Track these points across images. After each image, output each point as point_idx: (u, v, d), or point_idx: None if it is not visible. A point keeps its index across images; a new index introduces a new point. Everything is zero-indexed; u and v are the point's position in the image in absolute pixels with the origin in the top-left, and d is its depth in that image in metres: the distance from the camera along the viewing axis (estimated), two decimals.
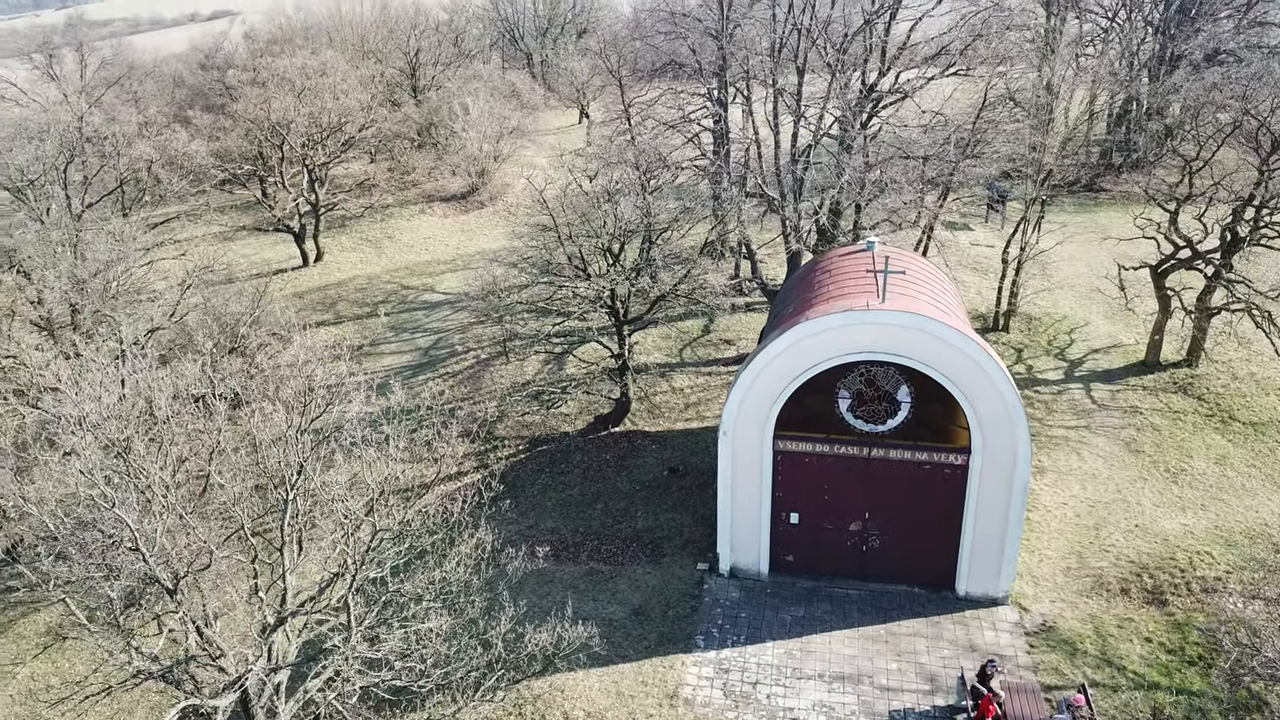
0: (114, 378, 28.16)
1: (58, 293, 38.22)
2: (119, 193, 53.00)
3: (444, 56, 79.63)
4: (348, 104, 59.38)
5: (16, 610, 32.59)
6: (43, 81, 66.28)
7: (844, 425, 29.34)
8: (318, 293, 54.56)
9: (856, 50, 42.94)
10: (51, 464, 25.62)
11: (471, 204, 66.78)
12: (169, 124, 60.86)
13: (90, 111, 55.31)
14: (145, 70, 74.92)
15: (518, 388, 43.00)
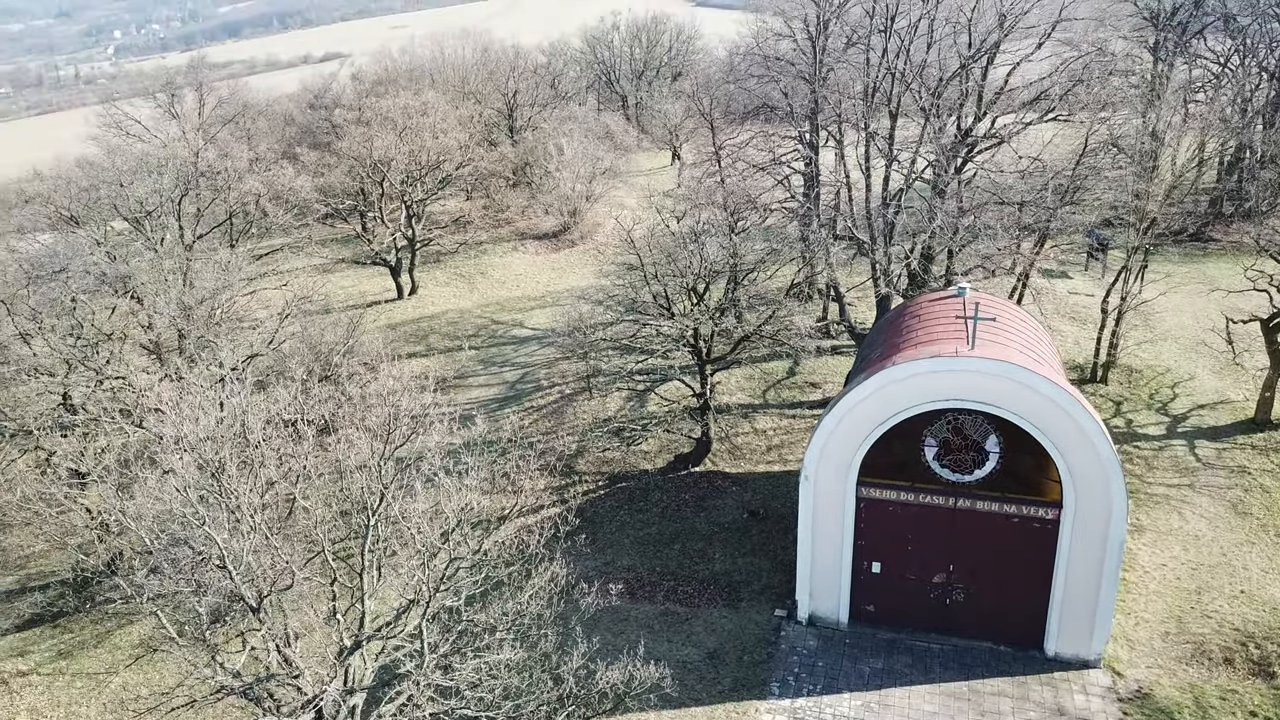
0: (213, 401, 29.25)
1: (166, 318, 40.04)
2: (228, 225, 55.42)
3: (541, 98, 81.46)
4: (446, 143, 61.11)
5: (113, 621, 33.86)
6: (164, 119, 69.88)
7: (930, 474, 28.64)
8: (410, 325, 55.91)
9: (952, 95, 42.47)
10: (151, 482, 26.67)
11: (562, 242, 67.79)
12: (277, 160, 63.51)
13: (206, 148, 58.08)
14: (258, 109, 78.51)
15: (599, 423, 43.19)
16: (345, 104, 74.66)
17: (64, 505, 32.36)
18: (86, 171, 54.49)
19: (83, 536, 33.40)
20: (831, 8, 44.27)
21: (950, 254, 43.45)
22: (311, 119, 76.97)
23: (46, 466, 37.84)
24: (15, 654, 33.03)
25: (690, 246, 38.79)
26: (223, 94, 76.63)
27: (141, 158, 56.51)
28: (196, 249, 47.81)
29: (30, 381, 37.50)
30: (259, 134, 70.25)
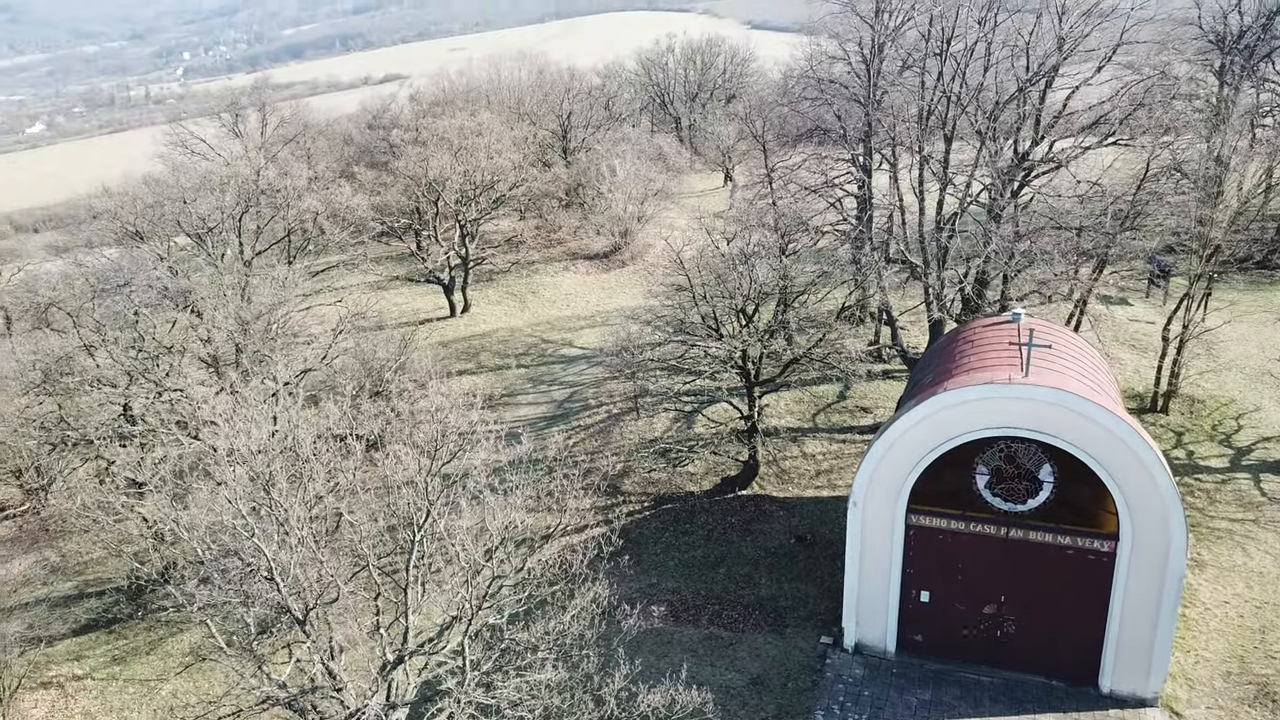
0: (265, 415, 29.74)
1: (224, 332, 40.90)
2: (286, 241, 56.55)
3: (595, 119, 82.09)
4: (501, 163, 61.81)
5: (165, 629, 34.46)
6: (228, 138, 71.77)
7: (981, 503, 28.08)
8: (462, 343, 56.43)
9: (1009, 118, 41.90)
10: (204, 493, 27.17)
11: (613, 263, 68.05)
12: (335, 179, 64.76)
13: (267, 166, 59.48)
14: (318, 129, 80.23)
15: (645, 444, 43.10)
16: (403, 124, 75.96)
17: (121, 514, 33.07)
18: (152, 188, 56.02)
19: (138, 545, 34.08)
20: (886, 31, 44.01)
21: (1005, 279, 42.77)
22: (369, 139, 78.41)
23: (106, 475, 38.83)
24: (71, 658, 33.75)
25: (740, 268, 38.66)
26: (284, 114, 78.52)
27: (205, 176, 58.00)
28: (255, 265, 48.85)
29: (93, 392, 38.53)
30: (318, 153, 71.73)
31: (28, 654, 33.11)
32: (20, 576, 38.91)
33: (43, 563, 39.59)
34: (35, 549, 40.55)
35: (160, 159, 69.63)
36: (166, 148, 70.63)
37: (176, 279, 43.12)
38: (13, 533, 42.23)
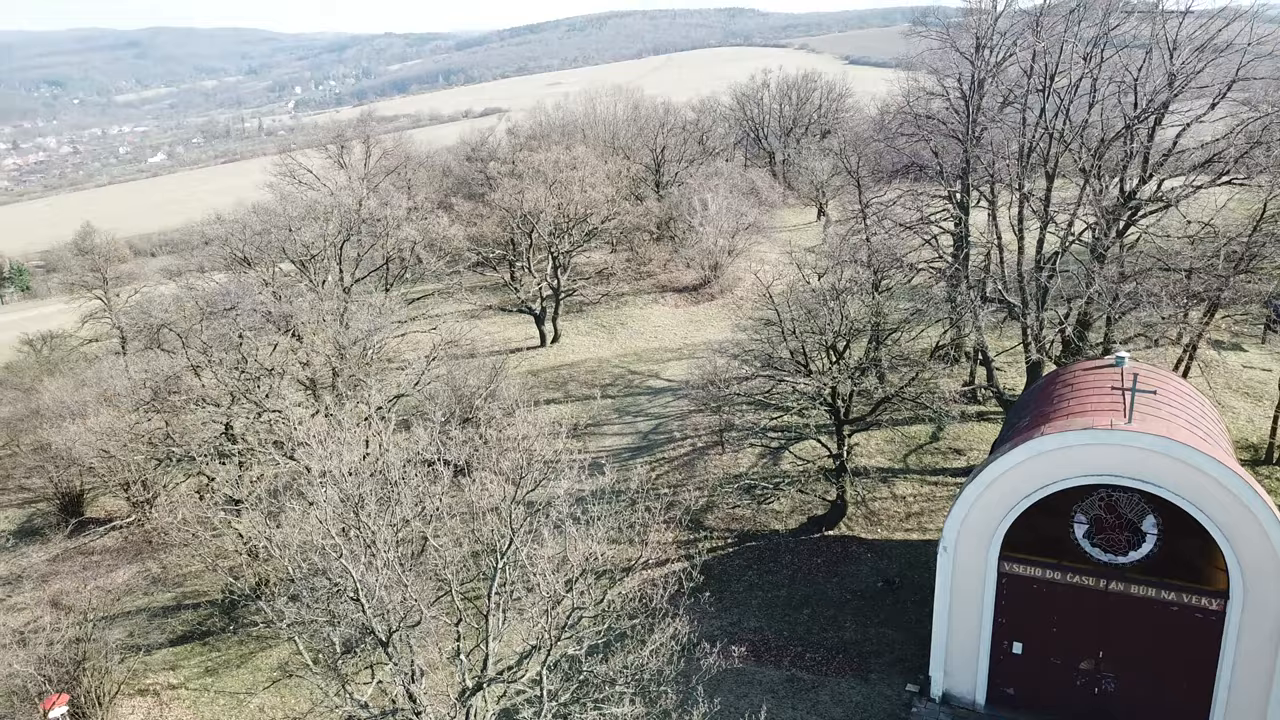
0: (358, 438, 30.42)
1: (323, 356, 42.09)
2: (384, 269, 58.15)
3: (688, 154, 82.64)
4: (594, 197, 62.59)
5: (256, 643, 35.31)
6: (333, 169, 74.42)
7: (1079, 553, 26.93)
8: (551, 372, 57.01)
9: (1115, 155, 40.66)
10: (296, 512, 27.84)
11: (702, 296, 68.07)
12: (434, 209, 66.48)
13: (368, 196, 61.35)
14: (419, 161, 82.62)
15: (730, 479, 42.70)
16: (500, 157, 77.70)
17: (219, 529, 34.17)
18: (261, 217, 58.30)
19: (233, 560, 35.14)
20: (987, 67, 43.26)
21: (1109, 321, 41.30)
22: (468, 171, 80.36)
23: (206, 491, 40.19)
24: (167, 667, 34.81)
25: (831, 304, 38.21)
26: (387, 146, 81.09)
27: (310, 205, 60.14)
28: (354, 291, 50.26)
29: (198, 411, 40.03)
30: (418, 184, 73.78)
31: (127, 660, 34.28)
32: (124, 585, 40.42)
33: (145, 573, 41.07)
34: (139, 560, 42.11)
35: (269, 188, 72.54)
36: (276, 177, 73.55)
37: (280, 304, 44.60)
38: (119, 543, 43.96)
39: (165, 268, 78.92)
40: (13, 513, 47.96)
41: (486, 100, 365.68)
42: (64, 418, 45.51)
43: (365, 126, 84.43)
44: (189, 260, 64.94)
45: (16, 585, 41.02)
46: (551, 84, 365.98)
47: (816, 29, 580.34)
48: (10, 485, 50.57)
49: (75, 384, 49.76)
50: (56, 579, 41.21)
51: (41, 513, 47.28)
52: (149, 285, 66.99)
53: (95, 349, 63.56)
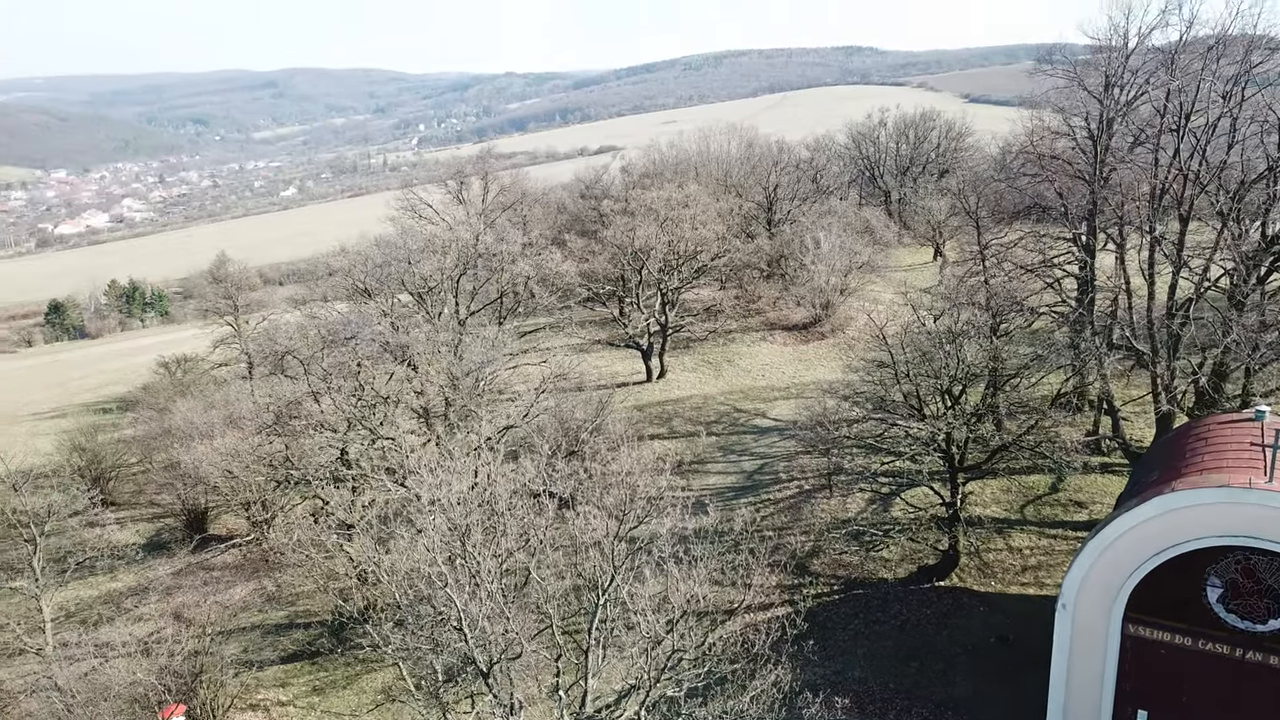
0: (468, 467, 30.91)
1: (436, 386, 43.08)
2: (498, 303, 59.38)
3: (801, 192, 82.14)
4: (705, 234, 62.71)
5: (362, 666, 36.02)
6: (453, 204, 76.61)
7: (1212, 618, 25.24)
8: (656, 407, 57.02)
9: (1256, 198, 38.59)
10: (405, 539, 28.39)
11: (812, 334, 67.24)
12: (547, 245, 67.68)
13: (485, 232, 62.86)
14: (534, 197, 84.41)
15: (837, 524, 41.73)
16: (613, 195, 78.73)
17: (331, 552, 35.10)
18: (382, 249, 60.34)
19: (343, 583, 36.01)
20: (1117, 106, 41.76)
21: (1248, 372, 38.96)
22: (581, 207, 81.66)
23: (321, 514, 41.42)
24: (278, 684, 35.80)
25: (947, 346, 37.16)
26: (505, 182, 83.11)
27: (429, 239, 61.98)
28: (468, 324, 51.36)
29: (316, 436, 41.40)
30: (533, 220, 75.30)
31: (241, 675, 35.40)
32: (240, 602, 41.89)
33: (260, 591, 42.50)
34: (255, 577, 43.61)
35: (391, 222, 75.11)
36: (398, 211, 76.13)
37: (397, 334, 45.93)
38: (238, 560, 45.66)
39: (291, 297, 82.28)
40: (144, 526, 50.37)
41: (602, 138, 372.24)
42: (193, 438, 47.73)
43: (484, 163, 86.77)
44: (314, 290, 67.53)
45: (143, 596, 42.95)
46: (666, 122, 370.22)
47: (936, 67, 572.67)
48: (142, 500, 53.20)
49: (204, 406, 52.17)
50: (179, 592, 43.02)
51: (169, 528, 49.54)
52: (276, 313, 69.94)
53: (224, 373, 66.63)
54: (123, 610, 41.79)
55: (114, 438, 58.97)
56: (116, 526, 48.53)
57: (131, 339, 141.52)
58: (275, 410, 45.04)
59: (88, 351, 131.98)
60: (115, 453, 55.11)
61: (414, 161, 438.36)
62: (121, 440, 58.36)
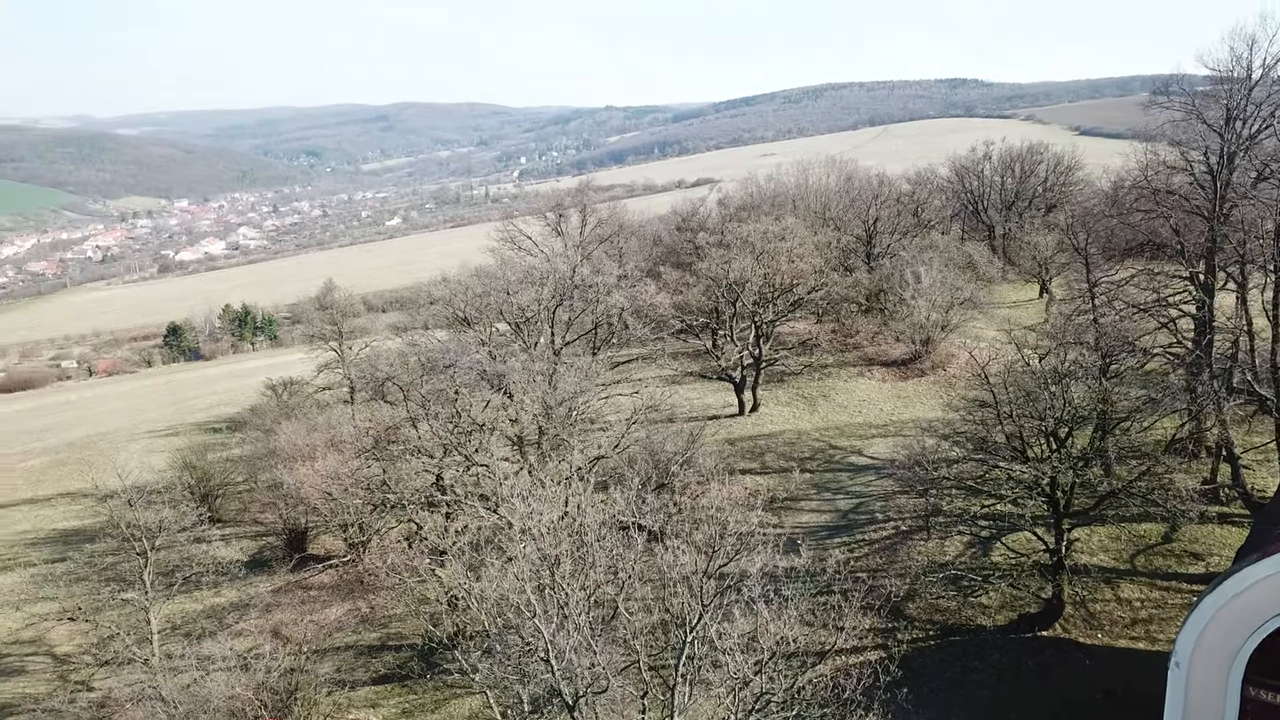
0: (559, 497, 31.00)
1: (530, 415, 43.49)
2: (592, 333, 59.78)
3: (902, 225, 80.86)
4: (801, 267, 62.16)
5: (450, 691, 36.31)
6: (551, 236, 77.76)
7: None
8: (748, 441, 56.45)
9: None
10: (495, 567, 28.54)
11: (911, 371, 65.82)
12: (642, 277, 67.96)
13: (582, 263, 63.51)
14: (631, 230, 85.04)
15: (935, 567, 40.46)
16: (709, 228, 78.82)
17: (423, 577, 35.54)
18: (481, 279, 61.50)
19: (434, 608, 36.43)
20: (1239, 140, 40.02)
21: None
22: (677, 240, 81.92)
23: (415, 538, 42.07)
24: (368, 704, 36.34)
25: (1053, 387, 35.85)
26: (602, 215, 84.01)
27: (528, 270, 62.91)
28: (563, 354, 51.82)
29: (412, 460, 42.17)
30: (629, 252, 75.79)
31: (334, 695, 36.06)
32: (335, 622, 42.76)
33: (355, 612, 43.33)
34: (350, 598, 44.50)
35: (491, 253, 76.59)
36: (498, 243, 77.59)
37: (494, 363, 46.60)
38: (334, 580, 46.69)
39: (394, 324, 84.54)
40: (247, 544, 52.00)
41: (699, 170, 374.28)
42: (296, 459, 49.16)
43: (582, 195, 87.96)
44: (415, 318, 69.30)
45: (244, 612, 44.23)
46: (764, 155, 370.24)
47: (1044, 99, 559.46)
48: (246, 519, 54.99)
49: (308, 428, 53.74)
50: (278, 610, 44.16)
51: (270, 546, 51.03)
52: (378, 339, 71.93)
53: (328, 397, 68.64)
54: (224, 625, 43.09)
55: (222, 457, 61.22)
56: (222, 543, 50.11)
57: (242, 361, 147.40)
58: (375, 435, 46.11)
59: (202, 373, 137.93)
60: (223, 471, 57.19)
61: (514, 193, 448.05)
62: (229, 459, 60.55)
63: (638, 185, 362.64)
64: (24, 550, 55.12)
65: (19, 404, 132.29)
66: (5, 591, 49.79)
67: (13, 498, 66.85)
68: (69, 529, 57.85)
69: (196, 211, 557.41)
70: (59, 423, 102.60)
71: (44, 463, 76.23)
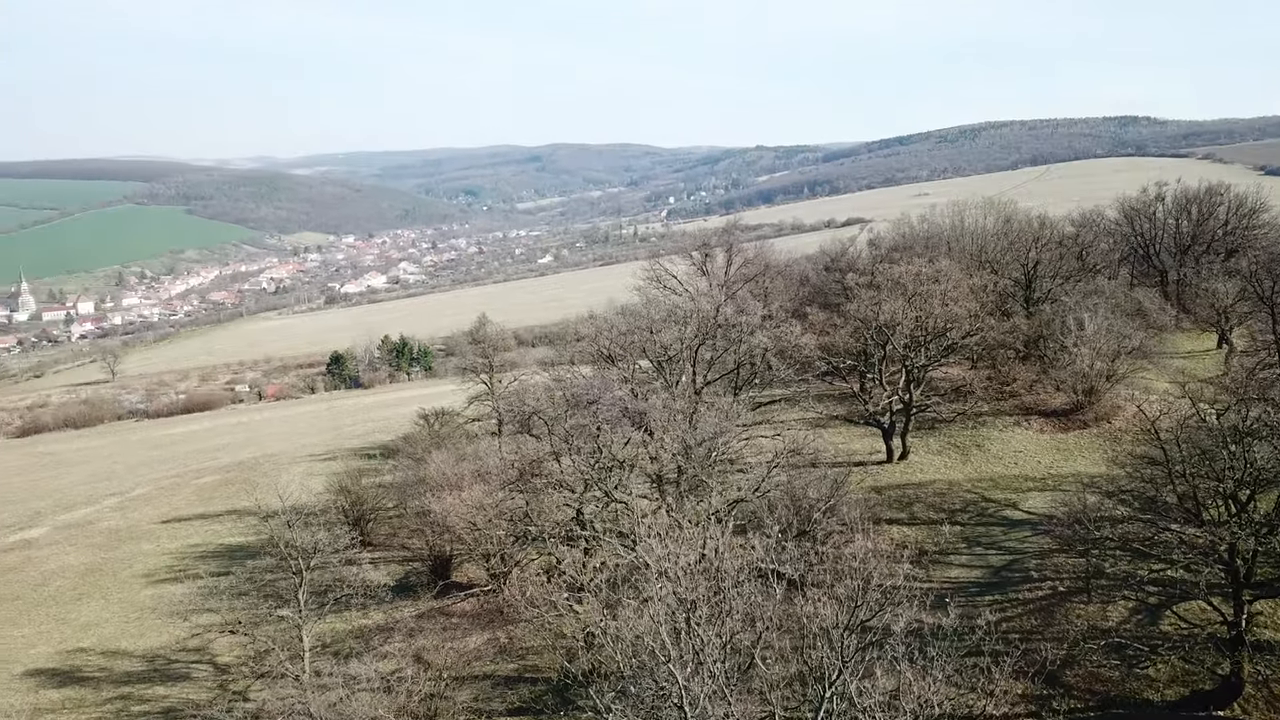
0: (696, 539, 30.61)
1: (670, 453, 43.35)
2: (735, 374, 59.31)
3: (1065, 270, 77.21)
4: (955, 311, 60.02)
5: None
6: (696, 275, 78.00)
7: None
8: (895, 490, 54.60)
9: None
10: (631, 607, 28.35)
11: (1073, 422, 62.38)
12: (788, 318, 67.11)
13: (726, 303, 63.32)
14: (777, 269, 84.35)
15: (1095, 633, 37.81)
16: (859, 268, 77.27)
17: (560, 612, 35.71)
18: (626, 317, 62.11)
19: (570, 643, 36.49)
20: None
21: None
22: (825, 280, 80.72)
23: (554, 572, 42.45)
24: None
25: (1233, 446, 33.17)
26: (748, 254, 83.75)
27: (672, 308, 63.15)
28: (705, 393, 51.57)
29: (554, 494, 42.65)
30: (775, 292, 75.14)
31: None
32: (474, 651, 43.45)
33: (493, 642, 43.93)
34: (490, 628, 45.17)
35: (637, 291, 77.39)
36: (644, 281, 78.37)
37: (636, 400, 46.81)
38: (475, 609, 47.54)
39: (541, 359, 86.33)
40: (394, 568, 53.66)
41: (849, 210, 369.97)
42: (444, 488, 50.53)
43: (729, 235, 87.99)
44: (562, 353, 70.52)
45: (389, 635, 45.55)
46: (917, 195, 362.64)
47: (1225, 137, 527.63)
48: (394, 544, 56.82)
49: (456, 458, 55.24)
50: (421, 635, 45.26)
51: (416, 572, 52.50)
52: (526, 373, 73.46)
53: (477, 428, 70.49)
54: (370, 646, 44.44)
55: (375, 482, 63.62)
56: (371, 566, 51.93)
57: (397, 391, 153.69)
58: (519, 467, 46.92)
59: (359, 400, 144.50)
60: (375, 496, 59.39)
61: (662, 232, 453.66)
62: (381, 485, 62.87)
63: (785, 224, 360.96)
64: (194, 562, 58.59)
65: (196, 424, 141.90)
66: (175, 601, 52.94)
67: (187, 512, 71.38)
68: (234, 544, 61.22)
69: (362, 247, 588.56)
70: (230, 443, 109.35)
71: (215, 480, 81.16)
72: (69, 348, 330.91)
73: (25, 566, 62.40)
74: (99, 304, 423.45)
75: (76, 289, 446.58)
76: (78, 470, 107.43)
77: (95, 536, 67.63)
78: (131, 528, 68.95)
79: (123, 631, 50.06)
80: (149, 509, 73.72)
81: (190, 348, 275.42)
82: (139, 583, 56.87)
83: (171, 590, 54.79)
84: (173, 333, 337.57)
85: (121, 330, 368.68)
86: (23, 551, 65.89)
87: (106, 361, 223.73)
